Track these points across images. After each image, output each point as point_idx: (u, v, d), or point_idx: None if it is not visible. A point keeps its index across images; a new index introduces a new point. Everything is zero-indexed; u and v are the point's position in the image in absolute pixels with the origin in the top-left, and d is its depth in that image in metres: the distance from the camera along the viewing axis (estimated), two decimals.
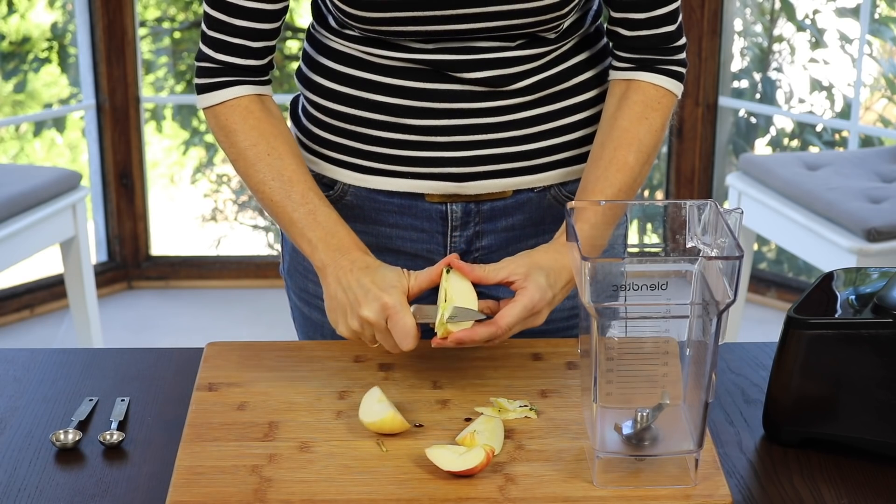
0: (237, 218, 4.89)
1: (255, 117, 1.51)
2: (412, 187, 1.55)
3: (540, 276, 1.40)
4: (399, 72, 1.52)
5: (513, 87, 1.52)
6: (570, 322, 1.63)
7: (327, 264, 1.44)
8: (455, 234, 1.58)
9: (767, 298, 4.13)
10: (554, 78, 1.54)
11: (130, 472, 1.32)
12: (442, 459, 1.26)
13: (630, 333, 1.25)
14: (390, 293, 1.37)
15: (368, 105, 1.53)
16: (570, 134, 1.57)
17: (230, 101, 1.51)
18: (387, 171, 1.55)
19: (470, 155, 1.53)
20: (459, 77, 1.50)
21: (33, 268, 4.08)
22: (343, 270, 1.42)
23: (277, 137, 1.50)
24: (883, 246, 3.07)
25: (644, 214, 1.45)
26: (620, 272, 1.22)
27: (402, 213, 1.57)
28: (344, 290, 1.41)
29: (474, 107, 1.52)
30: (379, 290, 1.38)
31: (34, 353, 1.58)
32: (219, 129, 1.52)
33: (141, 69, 4.16)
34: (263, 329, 3.95)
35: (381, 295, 1.37)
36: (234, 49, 1.50)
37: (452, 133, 1.52)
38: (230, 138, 1.51)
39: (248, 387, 1.44)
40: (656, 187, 4.67)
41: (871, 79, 4.49)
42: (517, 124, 1.54)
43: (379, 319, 1.37)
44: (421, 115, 1.52)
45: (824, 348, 1.32)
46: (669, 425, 1.27)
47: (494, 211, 1.57)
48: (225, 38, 1.50)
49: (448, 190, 1.55)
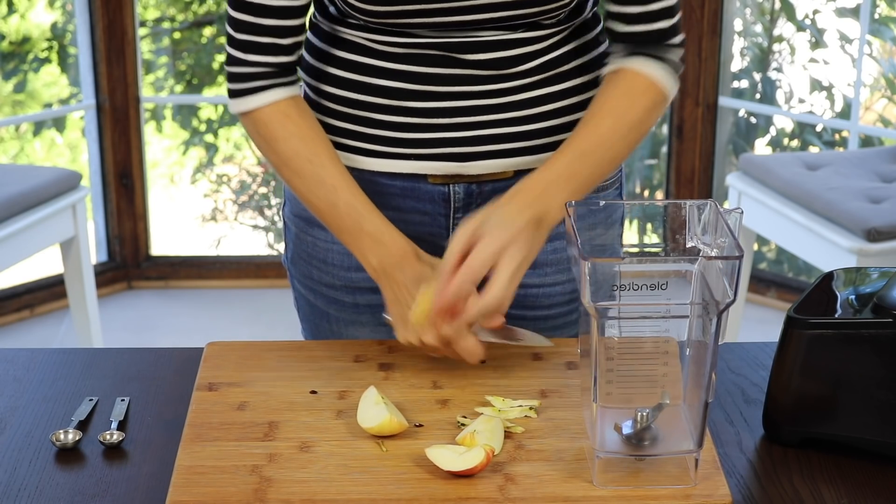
0: (237, 218, 4.89)
1: (294, 122, 1.52)
2: (415, 168, 1.56)
3: (492, 222, 1.41)
4: (401, 57, 1.53)
5: (514, 70, 1.53)
6: (571, 307, 1.64)
7: (380, 275, 1.49)
8: (458, 215, 1.59)
9: (767, 298, 4.13)
10: (555, 61, 1.55)
11: (130, 472, 1.32)
12: (442, 459, 1.26)
13: (630, 333, 1.25)
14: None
15: (370, 89, 1.55)
16: (569, 116, 1.58)
17: (267, 107, 1.51)
18: (389, 154, 1.57)
19: (472, 135, 1.55)
20: (461, 59, 1.52)
21: (33, 268, 4.08)
22: (398, 286, 1.47)
23: (316, 141, 1.52)
24: (883, 246, 3.07)
25: (644, 214, 1.45)
26: (620, 272, 1.22)
27: (404, 195, 1.58)
28: (402, 306, 1.45)
29: (476, 89, 1.53)
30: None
31: (34, 353, 1.58)
32: (259, 136, 1.53)
33: (141, 69, 4.16)
34: (263, 329, 3.95)
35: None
36: (266, 48, 1.50)
37: (454, 115, 1.54)
38: (272, 146, 1.52)
39: (248, 387, 1.44)
40: (656, 187, 4.67)
41: (871, 79, 4.49)
42: (518, 105, 1.55)
43: (440, 344, 1.41)
44: (423, 98, 1.53)
45: (824, 348, 1.32)
46: (669, 425, 1.27)
47: (496, 192, 1.58)
48: (254, 38, 1.50)
49: (450, 170, 1.56)
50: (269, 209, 4.88)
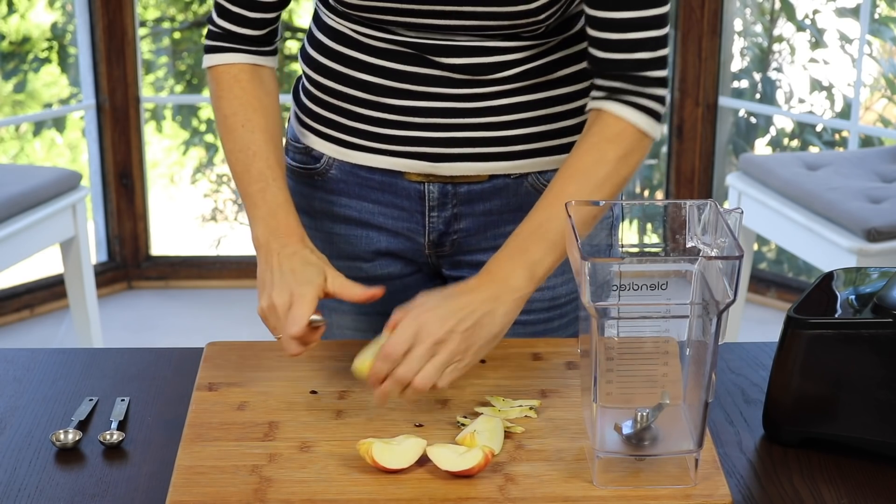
0: (237, 218, 4.89)
1: (241, 87, 1.55)
2: (391, 164, 1.58)
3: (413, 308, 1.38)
4: (382, 53, 1.54)
5: (491, 77, 1.53)
6: (549, 314, 1.63)
7: (262, 244, 1.48)
8: (433, 213, 1.60)
9: (767, 298, 4.13)
10: (534, 70, 1.55)
11: (130, 472, 1.32)
12: (442, 459, 1.26)
13: (630, 333, 1.25)
14: (303, 286, 1.40)
15: (353, 82, 1.57)
16: (549, 125, 1.57)
17: (222, 66, 1.56)
18: (367, 148, 1.58)
19: (445, 136, 1.55)
20: (439, 62, 1.52)
21: (33, 268, 4.08)
22: (272, 253, 1.46)
23: (257, 110, 1.55)
24: (883, 246, 3.07)
25: (644, 214, 1.44)
26: (620, 272, 1.22)
27: (382, 189, 1.60)
28: (268, 270, 1.45)
29: (452, 92, 1.54)
30: (295, 281, 1.41)
31: (34, 353, 1.58)
32: (211, 92, 1.58)
33: (141, 69, 4.16)
34: (263, 329, 3.91)
35: (294, 286, 1.41)
36: (232, 16, 1.55)
37: (429, 115, 1.55)
38: (216, 103, 1.57)
39: (248, 387, 1.44)
40: (656, 187, 4.67)
41: (871, 79, 4.49)
42: (494, 111, 1.55)
43: (283, 305, 1.40)
44: (400, 96, 1.55)
45: (824, 348, 1.32)
46: (669, 425, 1.27)
47: (472, 194, 1.58)
48: (226, 4, 1.55)
49: (424, 169, 1.57)
50: None
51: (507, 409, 1.39)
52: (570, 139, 1.58)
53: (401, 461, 1.26)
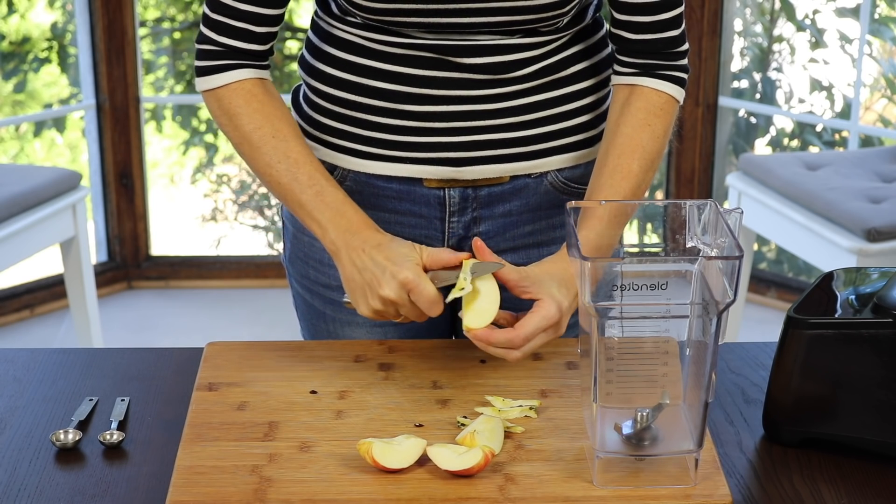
0: (237, 218, 4.89)
1: (259, 100, 1.52)
2: (410, 172, 1.56)
3: (553, 287, 1.41)
4: (399, 59, 1.53)
5: (512, 75, 1.53)
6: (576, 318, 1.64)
7: (339, 246, 1.45)
8: (453, 219, 1.59)
9: (767, 298, 4.13)
10: (552, 66, 1.55)
11: (130, 472, 1.32)
12: (442, 459, 1.26)
13: (630, 333, 1.25)
14: (406, 266, 1.39)
15: (368, 91, 1.55)
16: (567, 121, 1.58)
17: (233, 84, 1.52)
18: (385, 157, 1.56)
19: (467, 140, 1.55)
20: (458, 63, 1.52)
21: (33, 268, 4.08)
22: (356, 251, 1.43)
23: (281, 119, 1.52)
24: (883, 246, 3.07)
25: (644, 214, 1.45)
26: (619, 272, 1.22)
27: (400, 198, 1.58)
28: (360, 271, 1.42)
29: (472, 94, 1.53)
30: (394, 265, 1.39)
31: (34, 353, 1.58)
32: (221, 112, 1.53)
33: (141, 69, 4.16)
34: (263, 329, 3.95)
35: (397, 271, 1.39)
36: (238, 33, 1.51)
37: (450, 119, 1.54)
38: (234, 121, 1.52)
39: (248, 387, 1.44)
40: (656, 187, 4.67)
41: (871, 79, 4.49)
42: (515, 111, 1.55)
43: (400, 296, 1.39)
44: (419, 102, 1.53)
45: (824, 348, 1.32)
46: (669, 425, 1.27)
47: (492, 196, 1.58)
48: (229, 21, 1.51)
49: (445, 175, 1.56)
50: (269, 209, 4.88)
51: (507, 409, 1.39)
52: (586, 135, 1.60)
53: (401, 461, 1.26)
